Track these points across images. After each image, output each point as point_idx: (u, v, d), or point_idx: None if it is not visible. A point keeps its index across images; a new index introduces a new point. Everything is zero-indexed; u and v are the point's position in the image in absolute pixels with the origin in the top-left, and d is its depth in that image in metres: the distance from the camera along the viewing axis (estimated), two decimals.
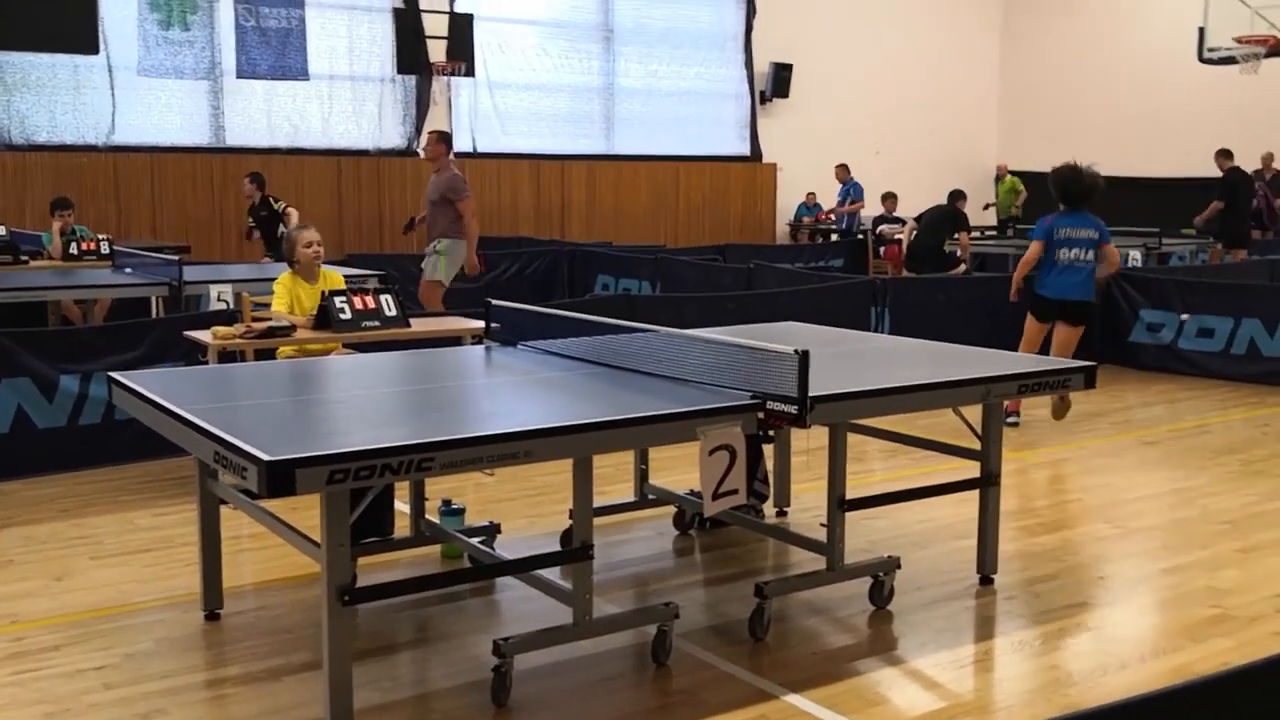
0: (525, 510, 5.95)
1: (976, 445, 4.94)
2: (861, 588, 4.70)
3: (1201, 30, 16.43)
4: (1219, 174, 15.14)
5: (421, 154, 10.13)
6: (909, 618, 4.60)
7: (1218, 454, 7.34)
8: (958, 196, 13.74)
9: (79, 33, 12.30)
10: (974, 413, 4.90)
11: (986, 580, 4.95)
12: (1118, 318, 10.40)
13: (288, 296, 6.61)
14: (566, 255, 13.78)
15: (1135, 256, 12.92)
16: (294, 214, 13.55)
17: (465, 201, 9.95)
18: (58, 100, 14.47)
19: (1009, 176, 19.47)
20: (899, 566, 4.71)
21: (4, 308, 8.98)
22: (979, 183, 19.82)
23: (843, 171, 18.45)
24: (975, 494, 4.95)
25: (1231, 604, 4.74)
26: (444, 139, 10.32)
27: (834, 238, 17.99)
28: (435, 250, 9.93)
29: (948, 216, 13.40)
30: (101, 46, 13.41)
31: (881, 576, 4.67)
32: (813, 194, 19.35)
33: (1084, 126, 20.58)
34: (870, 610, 4.65)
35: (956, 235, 13.26)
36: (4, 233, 11.83)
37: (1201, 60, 16.62)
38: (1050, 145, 21.49)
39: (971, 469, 4.97)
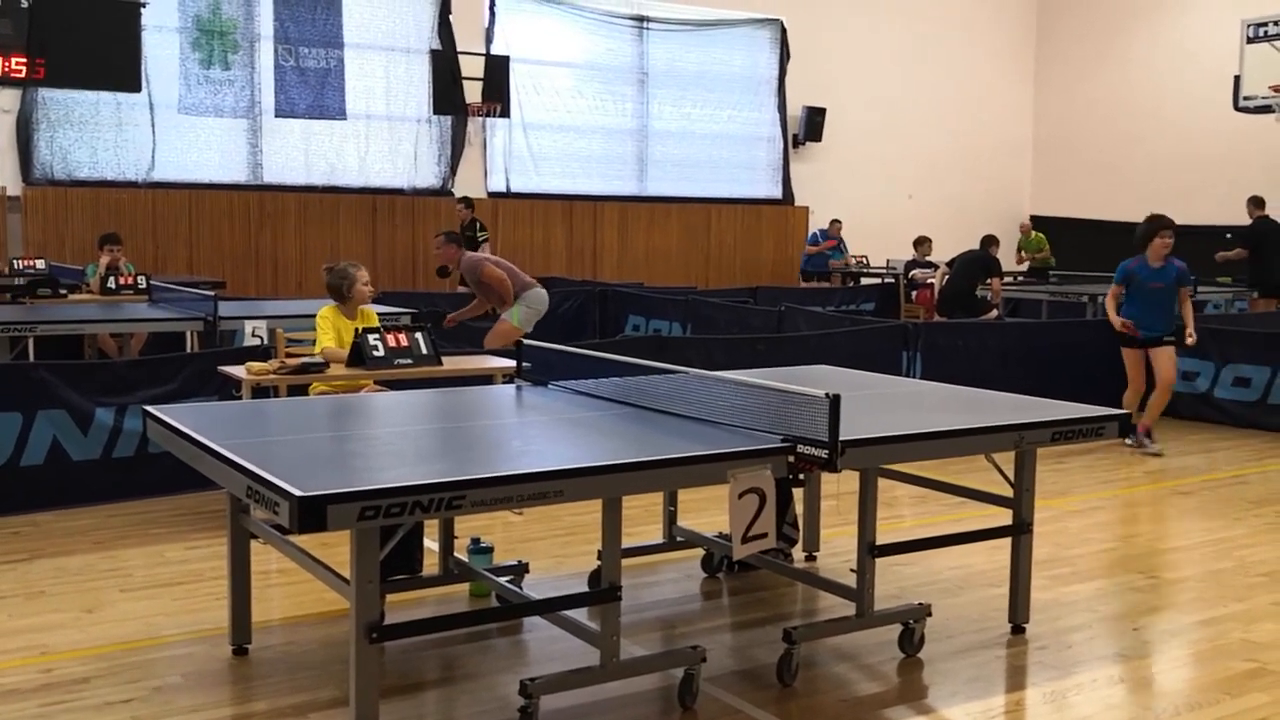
0: (553, 550, 5.94)
1: (1009, 492, 4.90)
2: (891, 635, 4.66)
3: (1237, 79, 16.40)
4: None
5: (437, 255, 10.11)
6: (939, 666, 4.55)
7: (1254, 505, 7.25)
8: (990, 242, 13.72)
9: (122, 71, 12.49)
10: (1007, 459, 4.86)
11: (1018, 629, 4.89)
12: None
13: (333, 330, 6.67)
14: (598, 295, 13.83)
15: None
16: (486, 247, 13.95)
17: (485, 271, 9.59)
18: (100, 137, 14.71)
19: (1034, 234, 19.35)
20: (929, 614, 4.67)
21: (42, 340, 9.09)
22: (1012, 228, 19.77)
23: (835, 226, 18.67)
24: (1007, 542, 4.90)
25: (1269, 658, 4.67)
26: (450, 239, 9.97)
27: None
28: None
29: (980, 261, 13.38)
30: (144, 84, 13.64)
31: (912, 624, 4.63)
32: (837, 223, 19.15)
33: (1118, 174, 20.53)
34: (900, 658, 4.60)
35: (989, 280, 13.23)
36: (44, 266, 12.03)
37: (1237, 109, 16.59)
38: (1084, 192, 21.55)
39: (1004, 516, 4.93)
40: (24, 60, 11.39)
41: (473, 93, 16.33)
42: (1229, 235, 15.18)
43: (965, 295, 13.10)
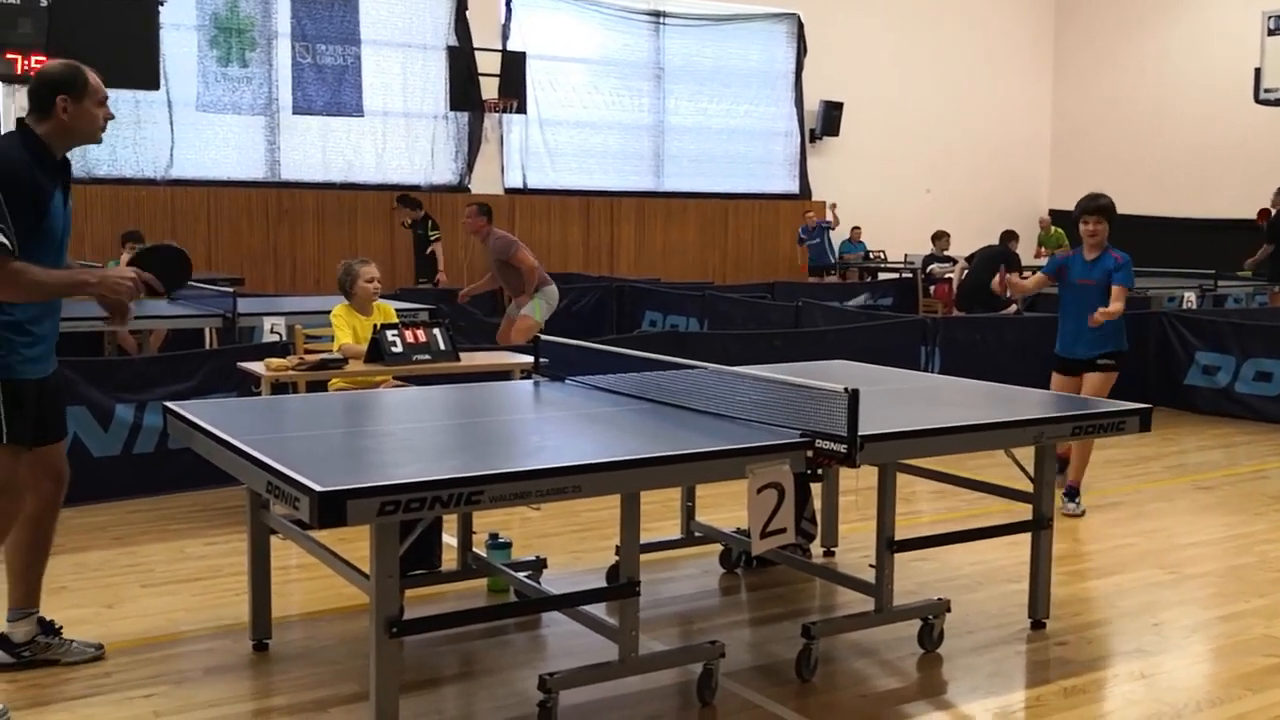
0: (571, 545, 5.94)
1: (1028, 487, 4.87)
2: (910, 630, 4.64)
3: (1258, 71, 16.30)
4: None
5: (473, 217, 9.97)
6: (959, 662, 4.54)
7: (1276, 500, 7.20)
8: (1010, 236, 13.64)
9: (141, 69, 12.53)
10: (1026, 454, 4.84)
11: (1038, 625, 4.87)
12: (1173, 360, 10.26)
13: (348, 328, 6.70)
14: (615, 291, 13.83)
15: (1190, 298, 12.77)
16: (436, 247, 13.95)
17: (519, 254, 9.72)
18: (118, 135, 14.78)
19: (1054, 228, 19.40)
20: (949, 609, 4.65)
21: (62, 337, 9.12)
22: (1030, 223, 19.73)
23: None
24: (1027, 537, 4.88)
25: None
26: (483, 211, 9.98)
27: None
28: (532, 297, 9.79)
29: (999, 256, 13.30)
30: (162, 82, 13.69)
31: (931, 619, 4.62)
32: (858, 229, 19.27)
33: (1137, 167, 20.44)
34: (919, 653, 4.59)
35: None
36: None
37: (1258, 101, 16.48)
38: (1103, 186, 21.37)
39: (1023, 511, 4.90)
40: (43, 59, 11.43)
41: (489, 89, 16.38)
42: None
43: (984, 290, 13.03)
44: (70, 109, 4.12)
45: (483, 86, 16.38)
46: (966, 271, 13.69)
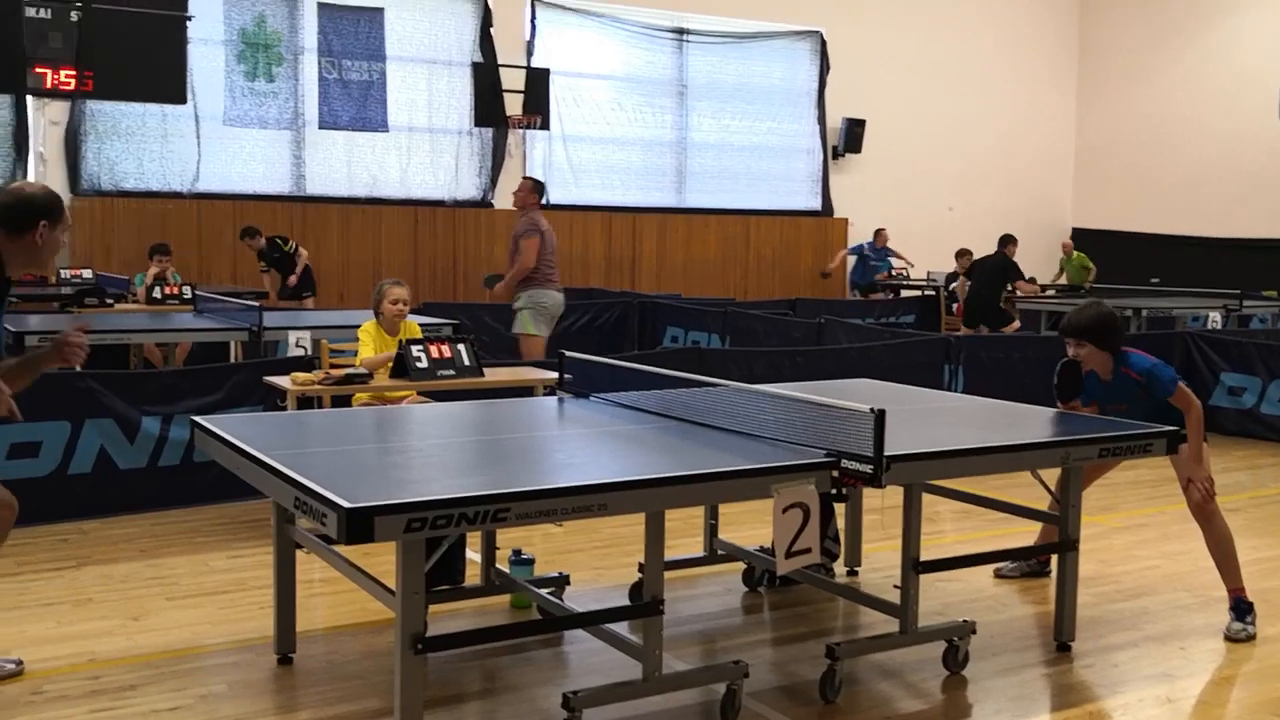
0: (593, 562, 5.94)
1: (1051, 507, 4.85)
2: (935, 652, 4.62)
3: None
4: None
5: (511, 202, 10.03)
6: (983, 684, 4.51)
7: None
8: (1007, 241, 13.36)
9: (168, 83, 12.63)
10: (1051, 475, 4.83)
11: (1064, 647, 4.84)
12: (1198, 381, 10.19)
13: (373, 344, 6.74)
14: (636, 307, 13.84)
15: (1215, 318, 12.69)
16: (304, 253, 13.71)
17: (526, 242, 9.67)
18: (146, 148, 14.89)
19: (1075, 254, 19.26)
20: (974, 631, 4.63)
21: (89, 349, 9.19)
22: (1053, 240, 19.63)
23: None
24: (1052, 558, 4.86)
25: None
26: (537, 188, 9.99)
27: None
28: (517, 305, 9.79)
29: (998, 267, 13.07)
30: (189, 97, 13.79)
31: (956, 641, 4.59)
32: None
33: (1162, 184, 20.34)
34: (944, 675, 4.56)
35: (1011, 287, 12.92)
36: (90, 276, 12.21)
37: None
38: (1126, 203, 21.37)
39: (1049, 533, 4.88)
40: (73, 73, 11.54)
41: (513, 105, 16.41)
42: None
43: (990, 306, 12.83)
44: (45, 235, 4.19)
45: (507, 103, 16.41)
46: (969, 286, 13.50)
